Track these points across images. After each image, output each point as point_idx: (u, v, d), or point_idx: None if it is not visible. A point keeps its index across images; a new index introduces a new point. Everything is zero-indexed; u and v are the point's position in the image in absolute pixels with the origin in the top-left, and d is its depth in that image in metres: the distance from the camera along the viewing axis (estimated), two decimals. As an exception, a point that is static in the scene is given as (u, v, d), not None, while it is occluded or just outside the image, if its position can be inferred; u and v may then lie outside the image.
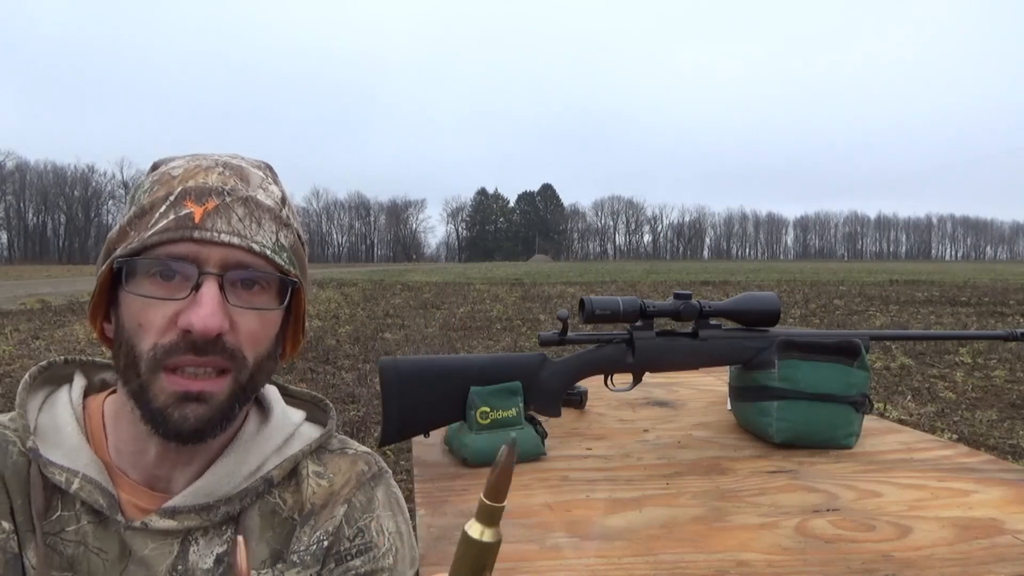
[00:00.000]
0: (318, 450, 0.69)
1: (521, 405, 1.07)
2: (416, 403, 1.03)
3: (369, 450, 0.75)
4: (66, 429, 0.61)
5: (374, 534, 0.67)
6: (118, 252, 0.58)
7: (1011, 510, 0.88)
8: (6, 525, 0.56)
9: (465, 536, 0.21)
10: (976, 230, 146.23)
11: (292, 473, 0.67)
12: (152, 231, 0.57)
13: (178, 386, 0.56)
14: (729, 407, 1.31)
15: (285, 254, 0.61)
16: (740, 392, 1.21)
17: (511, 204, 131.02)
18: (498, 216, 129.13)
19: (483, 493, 0.21)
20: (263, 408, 0.70)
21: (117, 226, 0.60)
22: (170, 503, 0.60)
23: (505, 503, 0.21)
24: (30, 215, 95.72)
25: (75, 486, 0.58)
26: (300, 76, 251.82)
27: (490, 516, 0.21)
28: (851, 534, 0.81)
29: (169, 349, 0.56)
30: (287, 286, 0.61)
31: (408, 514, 0.72)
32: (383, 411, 1.02)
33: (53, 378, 0.66)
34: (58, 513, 0.59)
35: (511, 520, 0.85)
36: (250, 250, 0.58)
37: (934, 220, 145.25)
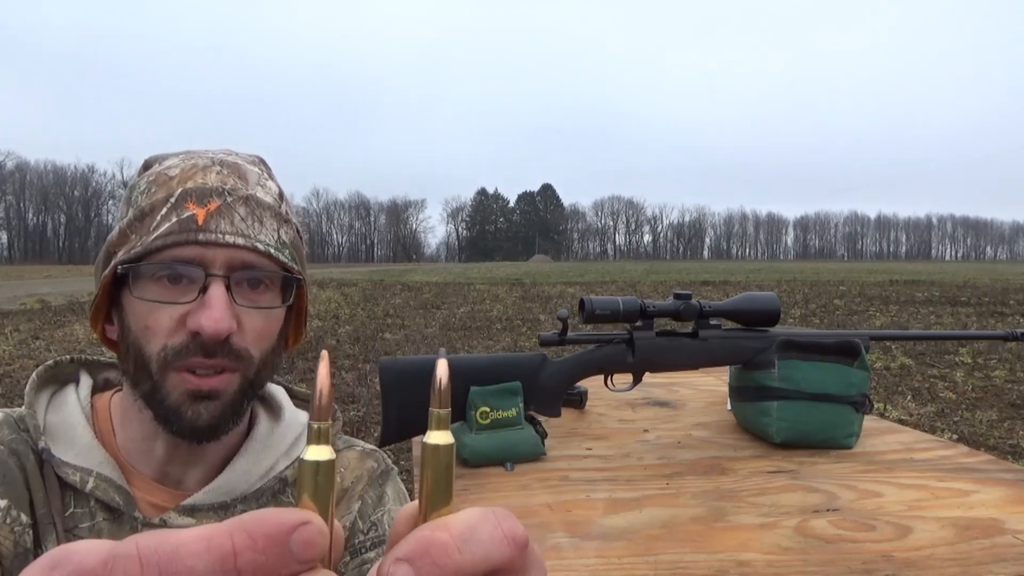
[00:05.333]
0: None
1: (521, 405, 1.07)
2: (416, 403, 1.03)
3: (375, 447, 0.75)
4: (77, 428, 0.61)
5: (386, 527, 0.69)
6: (120, 256, 0.58)
7: (1011, 510, 0.88)
8: (24, 518, 0.56)
9: (426, 446, 0.23)
10: (976, 230, 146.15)
11: None
12: (155, 235, 0.56)
13: (190, 384, 0.57)
14: (729, 407, 1.31)
15: (287, 251, 0.61)
16: (740, 392, 1.21)
17: (511, 204, 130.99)
18: (498, 216, 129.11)
19: (431, 405, 0.23)
20: (273, 408, 0.71)
21: (116, 228, 0.60)
22: (189, 501, 0.61)
23: (449, 408, 0.23)
24: (30, 215, 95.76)
25: (90, 485, 0.58)
26: (300, 77, 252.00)
27: (441, 422, 0.23)
28: (851, 534, 0.81)
29: (179, 351, 0.56)
30: (291, 283, 0.61)
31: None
32: (383, 411, 1.02)
33: (56, 377, 0.66)
34: (71, 510, 0.59)
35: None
36: (255, 250, 0.58)
37: (934, 220, 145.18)
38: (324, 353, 0.22)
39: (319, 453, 0.21)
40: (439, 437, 0.23)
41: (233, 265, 0.57)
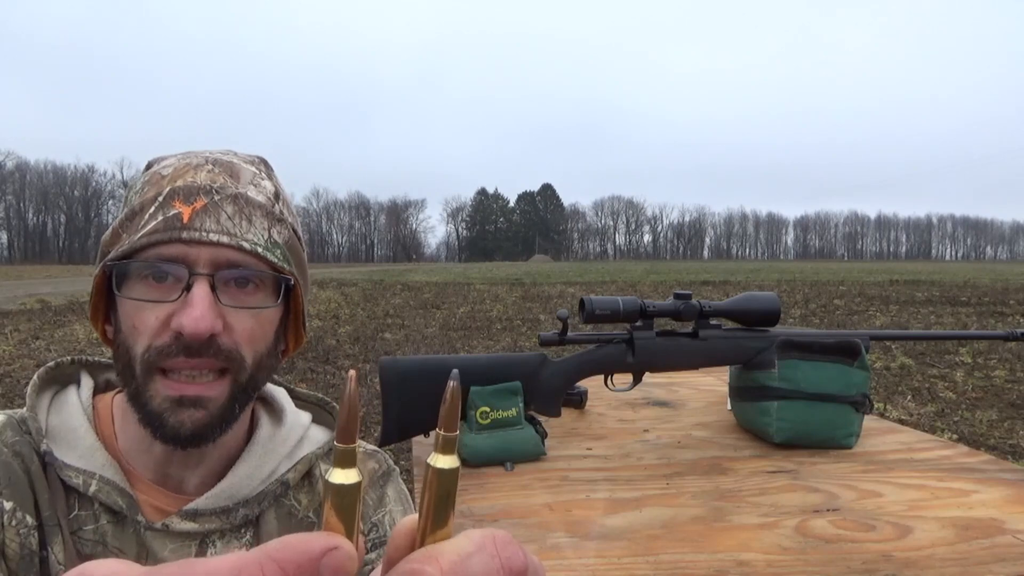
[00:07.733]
0: (329, 451, 0.70)
1: (521, 405, 1.07)
2: (416, 403, 1.03)
3: (377, 448, 0.75)
4: (80, 430, 0.61)
5: (387, 528, 0.69)
6: (110, 255, 0.57)
7: (1011, 510, 0.88)
8: (30, 520, 0.56)
9: (430, 468, 0.23)
10: (976, 230, 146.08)
11: (306, 474, 0.68)
12: (141, 233, 0.56)
13: (172, 390, 0.56)
14: (729, 407, 1.31)
15: (279, 251, 0.60)
16: (740, 392, 1.21)
17: (511, 204, 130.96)
18: (498, 216, 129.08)
19: (439, 427, 0.23)
20: (275, 411, 0.70)
21: (110, 228, 0.60)
22: (191, 505, 0.60)
23: (457, 432, 0.23)
24: (30, 215, 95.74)
25: (93, 488, 0.58)
26: (300, 76, 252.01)
27: (448, 446, 0.22)
28: (851, 534, 0.81)
29: (162, 351, 0.55)
30: (281, 283, 0.61)
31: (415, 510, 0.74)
32: (383, 411, 1.02)
33: (57, 379, 0.66)
34: (75, 512, 0.58)
35: (511, 520, 0.85)
36: (240, 248, 0.57)
37: (934, 220, 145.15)
38: (352, 373, 0.22)
39: (345, 476, 0.21)
40: (444, 461, 0.22)
41: (218, 264, 0.57)
